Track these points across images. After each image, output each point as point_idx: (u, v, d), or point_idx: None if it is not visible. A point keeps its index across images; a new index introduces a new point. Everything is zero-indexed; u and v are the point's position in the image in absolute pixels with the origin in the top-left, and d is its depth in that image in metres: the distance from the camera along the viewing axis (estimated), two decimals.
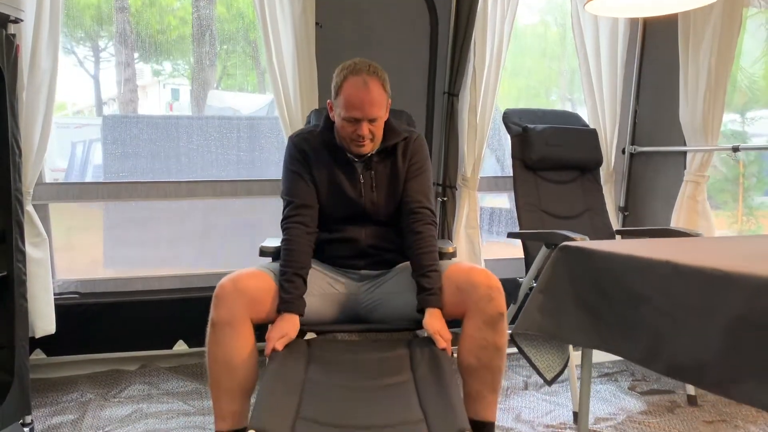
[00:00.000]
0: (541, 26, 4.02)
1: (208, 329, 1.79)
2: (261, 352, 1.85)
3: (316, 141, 2.02)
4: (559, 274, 1.50)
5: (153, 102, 3.66)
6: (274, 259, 2.09)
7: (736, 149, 2.85)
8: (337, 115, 1.94)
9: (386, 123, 2.00)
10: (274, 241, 2.13)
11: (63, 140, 3.47)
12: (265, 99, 3.55)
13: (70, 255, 3.17)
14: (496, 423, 2.37)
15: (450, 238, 3.06)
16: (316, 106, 2.78)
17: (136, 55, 3.30)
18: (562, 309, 1.48)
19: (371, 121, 1.89)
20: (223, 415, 1.81)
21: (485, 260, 3.16)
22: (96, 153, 3.39)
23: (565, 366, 1.59)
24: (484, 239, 3.57)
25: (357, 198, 1.99)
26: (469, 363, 1.83)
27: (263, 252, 2.12)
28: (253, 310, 1.79)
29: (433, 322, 1.81)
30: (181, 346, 2.90)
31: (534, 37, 3.99)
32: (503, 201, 3.88)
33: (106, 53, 3.32)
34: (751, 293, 1.08)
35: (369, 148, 1.96)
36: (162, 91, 3.76)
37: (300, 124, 2.73)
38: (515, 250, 3.05)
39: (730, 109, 3.54)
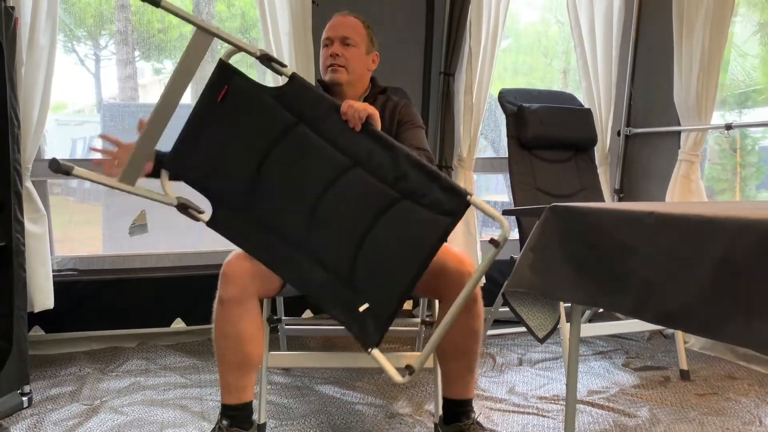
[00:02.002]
0: (542, 24, 4.06)
1: (216, 306, 1.78)
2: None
3: None
4: (549, 232, 1.52)
5: (154, 101, 3.68)
6: None
7: (729, 127, 2.88)
8: (320, 52, 2.06)
9: (372, 80, 2.09)
10: None
11: (63, 137, 3.50)
12: None
13: (69, 246, 3.21)
14: (491, 395, 2.43)
15: None
16: (313, 84, 2.80)
17: (136, 53, 3.33)
18: (552, 267, 1.50)
19: (343, 41, 1.98)
20: (230, 389, 1.82)
21: (481, 240, 3.18)
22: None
23: (557, 325, 1.61)
24: (482, 232, 3.60)
25: None
26: (445, 348, 1.86)
27: None
28: (261, 286, 1.80)
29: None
30: (179, 324, 2.92)
31: (535, 35, 4.02)
32: (503, 196, 3.91)
33: (107, 51, 3.35)
34: (734, 235, 1.10)
35: (344, 76, 1.99)
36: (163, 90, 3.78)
37: None
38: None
39: (728, 107, 3.57)
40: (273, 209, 1.69)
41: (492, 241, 1.60)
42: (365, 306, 1.60)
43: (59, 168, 1.55)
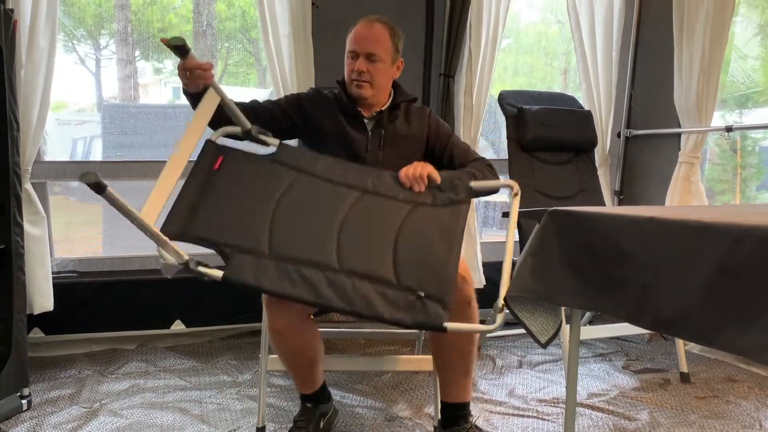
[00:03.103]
0: (543, 24, 4.05)
1: (271, 334, 1.81)
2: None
3: (330, 96, 2.08)
4: (549, 237, 1.52)
5: (154, 100, 3.68)
6: None
7: (729, 129, 2.87)
8: (345, 58, 2.03)
9: (396, 86, 2.08)
10: None
11: (64, 137, 3.49)
12: (265, 93, 3.58)
13: (68, 247, 3.21)
14: (491, 398, 2.43)
15: None
16: (313, 85, 2.80)
17: (137, 53, 3.33)
18: (552, 271, 1.50)
19: (369, 57, 1.95)
20: (305, 382, 1.97)
21: (481, 242, 3.18)
22: (96, 149, 3.42)
23: (559, 329, 1.61)
24: (482, 233, 3.59)
25: (362, 152, 2.01)
26: (442, 352, 1.88)
27: None
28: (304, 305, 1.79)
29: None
30: (178, 326, 2.92)
31: (535, 35, 4.02)
32: (503, 196, 3.90)
33: (107, 51, 3.35)
34: (732, 242, 1.10)
35: (368, 92, 1.98)
36: (163, 90, 3.78)
37: None
38: None
39: (728, 107, 3.56)
40: (299, 244, 1.65)
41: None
42: (421, 294, 1.61)
43: (98, 184, 1.33)
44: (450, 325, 1.58)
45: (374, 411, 2.28)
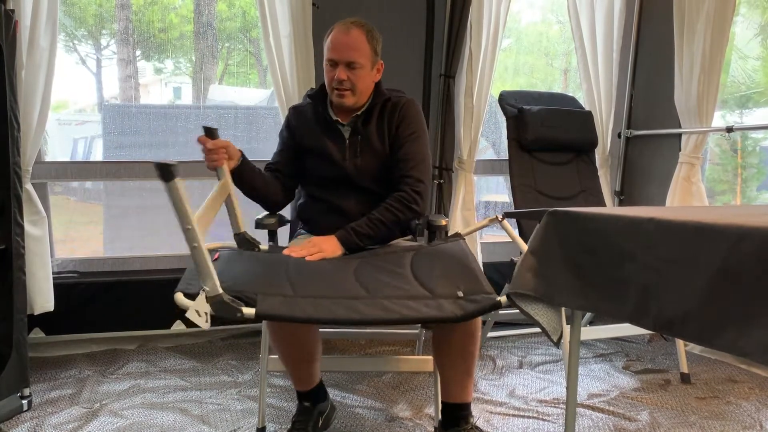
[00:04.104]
0: (543, 25, 4.05)
1: (270, 330, 1.84)
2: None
3: (308, 108, 2.11)
4: (549, 237, 1.52)
5: (155, 100, 3.68)
6: (269, 233, 2.12)
7: (729, 130, 2.87)
8: (323, 65, 2.02)
9: (377, 87, 2.06)
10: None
11: (65, 137, 3.50)
12: (266, 93, 3.58)
13: (69, 247, 3.21)
14: (491, 398, 2.43)
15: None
16: (313, 86, 2.80)
17: (137, 53, 3.33)
18: (552, 271, 1.50)
19: (349, 65, 1.96)
20: (301, 380, 1.97)
21: (481, 243, 3.18)
22: (97, 149, 3.42)
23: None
24: (482, 233, 3.59)
25: (341, 161, 2.02)
26: (443, 351, 1.88)
27: (258, 224, 2.13)
28: None
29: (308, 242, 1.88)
30: (179, 326, 2.92)
31: (536, 35, 4.02)
32: (503, 196, 3.90)
33: (108, 51, 3.35)
34: (733, 242, 1.09)
35: (350, 100, 2.00)
36: (164, 90, 3.79)
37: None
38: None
39: (729, 106, 3.56)
40: (322, 288, 1.61)
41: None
42: (459, 294, 1.61)
43: (167, 167, 1.24)
44: (504, 299, 1.58)
45: (374, 411, 2.28)
